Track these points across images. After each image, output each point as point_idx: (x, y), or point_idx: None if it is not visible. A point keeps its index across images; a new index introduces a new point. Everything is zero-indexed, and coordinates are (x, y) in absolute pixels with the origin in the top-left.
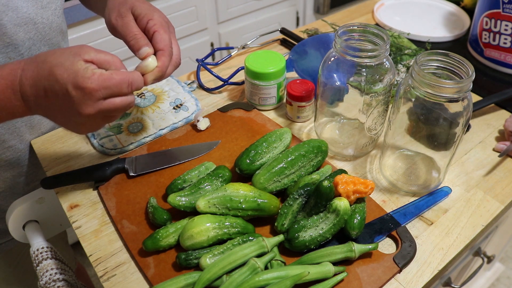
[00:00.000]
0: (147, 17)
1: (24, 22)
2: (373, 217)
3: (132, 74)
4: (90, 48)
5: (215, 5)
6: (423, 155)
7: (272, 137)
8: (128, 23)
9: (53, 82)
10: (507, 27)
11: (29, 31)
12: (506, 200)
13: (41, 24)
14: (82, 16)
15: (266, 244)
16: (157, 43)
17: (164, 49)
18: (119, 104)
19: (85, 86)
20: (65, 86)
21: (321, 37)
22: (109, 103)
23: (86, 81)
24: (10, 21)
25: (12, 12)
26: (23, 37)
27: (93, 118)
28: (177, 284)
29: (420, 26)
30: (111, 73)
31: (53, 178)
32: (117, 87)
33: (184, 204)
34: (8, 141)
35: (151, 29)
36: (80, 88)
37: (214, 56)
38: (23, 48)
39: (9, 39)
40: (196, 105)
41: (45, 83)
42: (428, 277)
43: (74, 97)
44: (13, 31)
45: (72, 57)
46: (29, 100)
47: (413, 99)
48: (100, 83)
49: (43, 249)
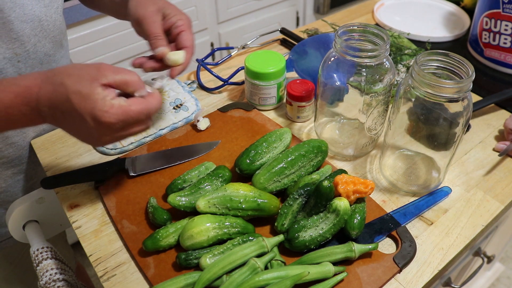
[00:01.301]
0: (176, 17)
1: (30, 19)
2: (373, 217)
3: (150, 103)
4: (108, 69)
5: (215, 5)
6: (423, 155)
7: (272, 137)
8: (153, 23)
9: (71, 110)
10: (507, 27)
11: (35, 28)
12: (506, 200)
13: (46, 22)
14: (82, 16)
15: (266, 244)
16: (184, 41)
17: (189, 47)
18: (136, 131)
19: (103, 120)
20: (83, 116)
21: (321, 37)
22: (127, 132)
23: (104, 115)
24: (17, 18)
25: (19, 9)
26: (29, 34)
27: (108, 142)
28: (177, 284)
29: (420, 26)
30: (130, 104)
31: (53, 178)
32: (135, 118)
33: (184, 204)
34: (11, 137)
35: (179, 28)
36: (98, 121)
37: (214, 56)
38: (29, 44)
39: (15, 35)
40: (196, 105)
41: (63, 108)
42: (428, 277)
43: (92, 128)
44: (20, 27)
45: (90, 84)
46: (46, 116)
47: (413, 99)
48: (118, 117)
49: (43, 249)
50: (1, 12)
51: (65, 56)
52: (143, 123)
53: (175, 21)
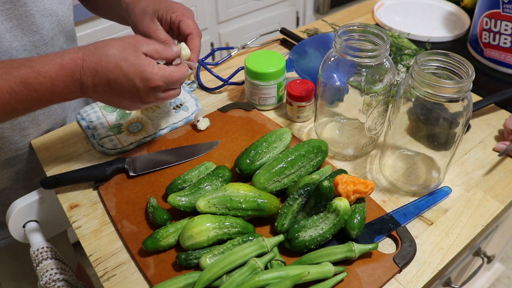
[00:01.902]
0: (169, 13)
1: (49, 13)
2: (373, 217)
3: (184, 72)
4: (143, 39)
5: (215, 5)
6: (423, 155)
7: (272, 137)
8: (155, 32)
9: (120, 75)
10: (507, 27)
11: (53, 22)
12: (506, 200)
13: (62, 17)
14: (82, 16)
15: (266, 244)
16: (185, 29)
17: (192, 32)
18: (173, 95)
19: (153, 81)
20: (133, 80)
21: (321, 37)
22: (167, 95)
23: (154, 77)
24: (38, 12)
25: (40, 3)
26: (48, 27)
27: (150, 103)
28: (177, 284)
29: (420, 26)
30: (173, 71)
31: (53, 178)
32: (175, 84)
33: (184, 204)
34: (27, 129)
35: (176, 20)
36: (147, 82)
37: (214, 56)
38: (47, 38)
39: (36, 28)
40: (196, 105)
41: (110, 75)
42: (428, 277)
43: (141, 89)
44: (40, 21)
45: (134, 52)
46: (87, 87)
47: (413, 99)
48: (165, 79)
49: (43, 249)
50: (25, 5)
51: None
52: (177, 88)
53: (169, 17)
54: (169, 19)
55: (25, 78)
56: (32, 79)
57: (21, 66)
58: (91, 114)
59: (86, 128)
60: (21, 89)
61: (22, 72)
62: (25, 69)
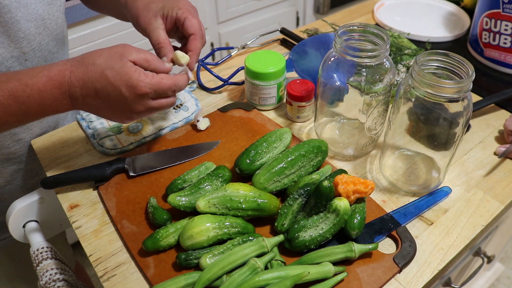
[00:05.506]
0: (175, 10)
1: (34, 18)
2: (373, 217)
3: (178, 80)
4: (132, 48)
5: (215, 5)
6: (423, 155)
7: (272, 137)
8: (155, 31)
9: (106, 84)
10: (507, 27)
11: (39, 27)
12: (506, 200)
13: (48, 20)
14: (82, 16)
15: (266, 244)
16: (188, 28)
17: (195, 33)
18: (164, 104)
19: (139, 88)
20: (118, 88)
21: (321, 37)
22: (157, 103)
23: (140, 84)
24: (23, 17)
25: (24, 9)
26: (34, 32)
27: (140, 113)
28: (177, 284)
29: (420, 26)
30: (162, 78)
31: (53, 178)
32: (165, 91)
33: (184, 204)
34: (18, 133)
35: (181, 17)
36: (133, 89)
37: (214, 56)
38: (34, 43)
39: (23, 34)
40: (196, 105)
41: (97, 85)
42: (428, 277)
43: (128, 97)
44: (26, 27)
45: (120, 60)
46: (77, 99)
47: (413, 99)
48: (152, 86)
49: (43, 249)
50: (9, 12)
51: (67, 54)
52: (170, 97)
53: (175, 14)
54: (175, 16)
55: (13, 91)
56: (20, 92)
57: (9, 79)
58: (91, 114)
59: (86, 128)
60: (10, 102)
61: (10, 86)
62: (13, 82)
